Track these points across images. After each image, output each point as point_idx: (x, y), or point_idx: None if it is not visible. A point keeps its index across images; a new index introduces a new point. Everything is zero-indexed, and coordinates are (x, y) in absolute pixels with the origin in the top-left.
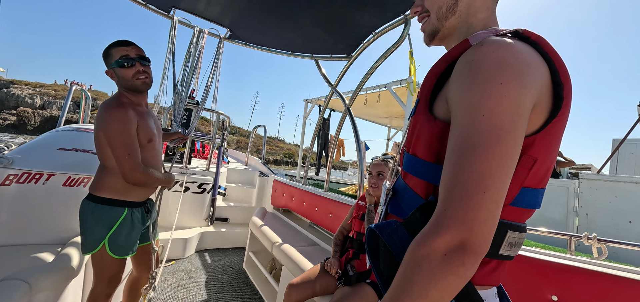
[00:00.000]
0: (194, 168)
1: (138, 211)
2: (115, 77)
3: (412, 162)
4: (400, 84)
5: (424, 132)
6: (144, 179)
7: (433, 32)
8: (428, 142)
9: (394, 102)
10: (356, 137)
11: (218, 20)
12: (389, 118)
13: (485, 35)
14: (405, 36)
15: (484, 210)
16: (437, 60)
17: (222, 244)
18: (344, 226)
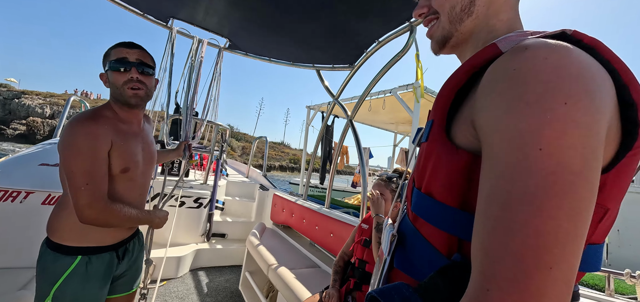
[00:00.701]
0: (190, 181)
1: (100, 259)
2: (107, 82)
3: (425, 205)
4: (406, 89)
5: (441, 167)
6: (105, 218)
7: (444, 38)
8: (448, 180)
9: (400, 107)
10: (359, 150)
11: (217, 31)
12: (395, 124)
13: (520, 38)
14: (411, 45)
15: (550, 296)
16: (455, 70)
17: (218, 262)
18: (345, 251)
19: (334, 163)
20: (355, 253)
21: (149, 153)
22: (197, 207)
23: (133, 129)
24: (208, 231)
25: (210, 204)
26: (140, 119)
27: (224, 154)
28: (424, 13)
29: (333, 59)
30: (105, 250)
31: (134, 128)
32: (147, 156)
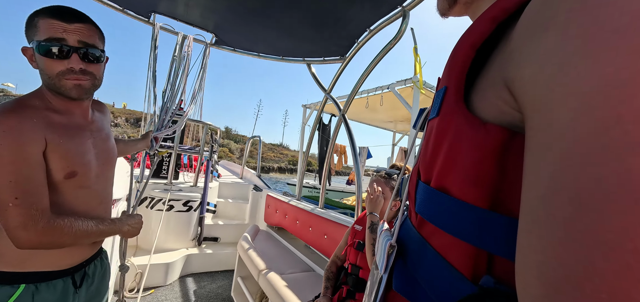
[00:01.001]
0: (179, 184)
1: (51, 287)
2: (34, 61)
3: (438, 205)
4: (405, 84)
5: (462, 149)
6: (49, 239)
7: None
8: (473, 169)
9: (399, 104)
10: (352, 147)
11: (202, 25)
12: (393, 122)
13: None
14: (404, 31)
15: None
16: (474, 22)
17: (211, 267)
18: (338, 255)
19: (327, 162)
20: (348, 257)
21: (104, 150)
22: (186, 211)
23: (75, 121)
24: (199, 235)
25: (200, 206)
26: (86, 109)
27: (214, 155)
28: None
29: (324, 51)
30: (58, 276)
31: (77, 120)
32: (102, 154)
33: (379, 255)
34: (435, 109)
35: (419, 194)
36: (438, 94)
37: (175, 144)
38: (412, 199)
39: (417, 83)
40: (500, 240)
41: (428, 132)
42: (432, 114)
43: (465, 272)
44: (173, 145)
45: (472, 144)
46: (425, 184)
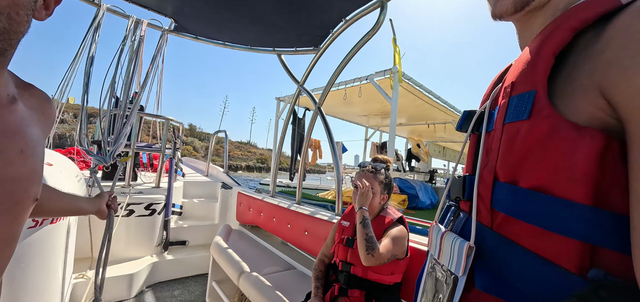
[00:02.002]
0: (138, 185)
1: None
2: None
3: (534, 205)
4: (384, 75)
5: (562, 152)
6: None
7: (523, 0)
8: (576, 170)
9: (377, 96)
10: (330, 139)
11: (159, 9)
12: (366, 116)
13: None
14: (382, 22)
15: None
16: (548, 29)
17: (180, 273)
18: (325, 252)
19: (303, 156)
20: (337, 254)
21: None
22: (149, 215)
23: None
24: (165, 240)
25: (165, 209)
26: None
27: (178, 153)
28: None
29: (296, 41)
30: None
31: None
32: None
33: (450, 257)
34: (527, 111)
35: (502, 194)
36: (521, 98)
37: (132, 142)
38: (485, 199)
39: (395, 74)
40: (607, 234)
41: (511, 135)
42: (523, 115)
43: (571, 267)
44: (130, 142)
45: (575, 147)
46: (512, 185)
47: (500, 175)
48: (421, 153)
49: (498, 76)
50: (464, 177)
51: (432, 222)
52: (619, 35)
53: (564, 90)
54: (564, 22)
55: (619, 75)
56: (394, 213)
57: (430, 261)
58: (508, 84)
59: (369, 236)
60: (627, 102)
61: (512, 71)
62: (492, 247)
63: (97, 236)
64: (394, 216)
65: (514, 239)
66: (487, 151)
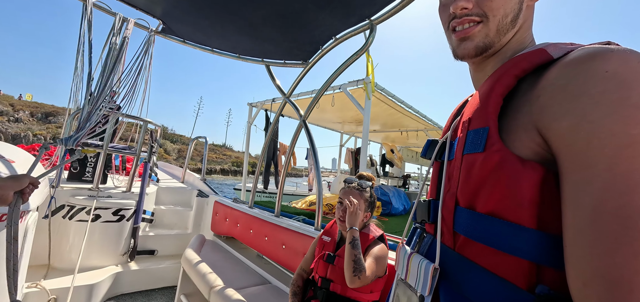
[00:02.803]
0: (108, 189)
1: None
2: None
3: (490, 228)
4: (356, 85)
5: (510, 182)
6: None
7: (486, 46)
8: (522, 198)
9: (349, 105)
10: (314, 154)
11: (147, 9)
12: (341, 123)
13: (571, 46)
14: (370, 43)
15: None
16: (495, 75)
17: (145, 285)
18: (304, 267)
19: (285, 165)
20: (316, 270)
21: None
22: (117, 221)
23: None
24: (132, 248)
25: (135, 215)
26: None
27: (153, 157)
28: (468, 9)
29: (286, 54)
30: None
31: None
32: None
33: (416, 277)
34: (481, 145)
35: (463, 218)
36: (477, 132)
37: (105, 142)
38: (448, 222)
39: (368, 84)
40: (550, 254)
41: (469, 165)
42: (478, 148)
43: (521, 284)
44: (102, 143)
45: (520, 177)
46: (470, 210)
47: (461, 200)
48: (395, 158)
49: (457, 109)
50: (428, 201)
51: (398, 243)
52: (551, 85)
53: (510, 127)
54: (509, 70)
55: (551, 118)
56: (376, 230)
57: (396, 280)
58: (466, 119)
59: (358, 258)
60: (558, 140)
61: (469, 107)
62: (454, 267)
63: (56, 242)
64: (375, 233)
65: (473, 259)
66: (449, 177)
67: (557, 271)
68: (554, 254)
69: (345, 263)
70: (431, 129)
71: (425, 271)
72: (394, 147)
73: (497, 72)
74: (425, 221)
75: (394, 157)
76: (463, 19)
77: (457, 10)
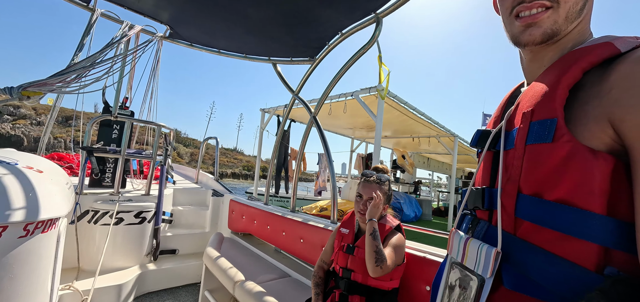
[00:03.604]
0: (128, 193)
1: None
2: None
3: (558, 215)
4: (369, 92)
5: (582, 172)
6: None
7: (554, 33)
8: (593, 187)
9: (361, 112)
10: (326, 151)
11: (154, 16)
12: (352, 129)
13: (635, 42)
14: (377, 37)
15: None
16: (560, 66)
17: (170, 283)
18: (324, 259)
19: (297, 167)
20: (337, 261)
21: None
22: (139, 223)
23: None
24: (155, 248)
25: (155, 217)
26: None
27: (168, 159)
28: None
29: (292, 51)
30: None
31: None
32: None
33: (476, 260)
34: (546, 137)
35: (527, 205)
36: (543, 124)
37: (122, 147)
38: (508, 209)
39: (381, 91)
40: (619, 238)
41: (534, 155)
42: (546, 138)
43: (590, 266)
44: (120, 149)
45: (592, 167)
46: (537, 197)
47: (524, 188)
48: (406, 164)
49: (507, 99)
50: (482, 189)
51: (451, 229)
52: (624, 79)
53: (577, 118)
54: (576, 62)
55: (625, 111)
56: (392, 221)
57: (449, 264)
58: (527, 110)
59: (379, 249)
60: (632, 133)
61: (527, 98)
62: (518, 251)
63: (84, 245)
64: (392, 223)
65: (538, 243)
66: (507, 166)
67: (625, 254)
68: (623, 239)
69: (366, 254)
70: (443, 135)
71: (486, 255)
72: (405, 153)
73: (560, 64)
74: (477, 207)
75: (405, 163)
76: (532, 3)
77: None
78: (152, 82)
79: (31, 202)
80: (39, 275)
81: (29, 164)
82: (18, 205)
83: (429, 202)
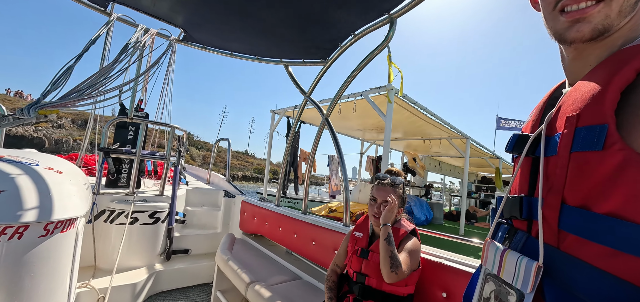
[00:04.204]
0: (143, 193)
1: None
2: None
3: (612, 230)
4: (378, 92)
5: (633, 182)
6: None
7: (604, 29)
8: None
9: (371, 112)
10: (339, 153)
11: (169, 19)
12: (362, 130)
13: None
14: (391, 38)
15: None
16: (610, 66)
17: (182, 283)
18: (337, 263)
19: (308, 168)
20: (350, 265)
21: None
22: (153, 223)
23: None
24: (168, 248)
25: (169, 217)
26: None
27: (182, 160)
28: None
29: (304, 53)
30: None
31: None
32: None
33: (514, 274)
34: (595, 144)
35: (572, 217)
36: (591, 130)
37: (138, 149)
38: (551, 221)
39: (391, 91)
40: None
41: (581, 163)
42: (596, 146)
43: None
44: (136, 150)
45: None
46: (584, 209)
47: (569, 199)
48: (417, 167)
49: (546, 100)
50: (519, 197)
51: (485, 239)
52: None
53: (630, 124)
54: (628, 62)
55: None
56: (408, 225)
57: (483, 275)
58: (571, 114)
59: (394, 254)
60: None
61: (571, 100)
62: (561, 265)
63: (100, 244)
64: (407, 227)
65: (584, 258)
66: (547, 174)
67: None
68: None
69: (381, 259)
70: (455, 137)
71: (526, 268)
72: (416, 155)
73: (609, 63)
74: (514, 216)
75: (416, 166)
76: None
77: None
78: (167, 84)
79: (51, 202)
80: (58, 273)
81: (49, 164)
82: (39, 205)
83: (440, 206)
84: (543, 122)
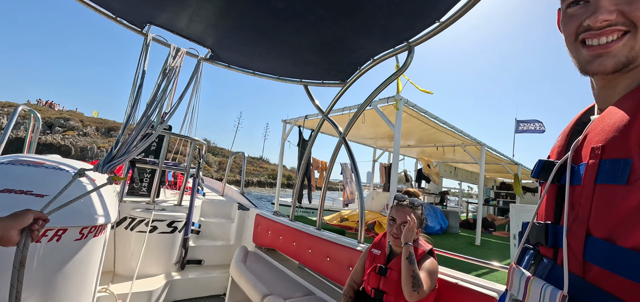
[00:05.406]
0: (162, 202)
1: None
2: None
3: (634, 262)
4: (387, 102)
5: None
6: None
7: (627, 62)
8: None
9: (381, 121)
10: (354, 168)
11: (199, 40)
12: (374, 138)
13: None
14: (409, 64)
15: None
16: (637, 98)
17: (195, 293)
18: (355, 279)
19: (324, 188)
20: (368, 282)
21: None
22: (170, 232)
23: None
24: (183, 257)
25: (185, 227)
26: None
27: (200, 172)
28: (612, 21)
29: (324, 74)
30: None
31: None
32: None
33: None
34: (619, 178)
35: (599, 250)
36: (616, 163)
37: (160, 159)
38: (576, 251)
39: (399, 101)
40: None
41: (606, 196)
42: (608, 180)
43: None
44: (158, 161)
45: None
46: (610, 243)
47: (594, 231)
48: (432, 174)
49: (572, 125)
50: (545, 225)
51: (511, 264)
52: None
53: None
54: None
55: None
56: (425, 244)
57: (509, 301)
58: (596, 145)
59: (416, 274)
60: None
61: (598, 130)
62: (586, 296)
63: (120, 250)
64: (425, 247)
65: (609, 291)
66: (573, 204)
67: None
68: None
69: (403, 278)
70: (469, 144)
71: (550, 297)
72: (430, 162)
73: (637, 94)
74: (540, 243)
75: (431, 172)
76: (603, 31)
77: (597, 24)
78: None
79: (87, 208)
80: (87, 276)
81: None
82: (77, 210)
83: (456, 214)
84: (569, 150)
